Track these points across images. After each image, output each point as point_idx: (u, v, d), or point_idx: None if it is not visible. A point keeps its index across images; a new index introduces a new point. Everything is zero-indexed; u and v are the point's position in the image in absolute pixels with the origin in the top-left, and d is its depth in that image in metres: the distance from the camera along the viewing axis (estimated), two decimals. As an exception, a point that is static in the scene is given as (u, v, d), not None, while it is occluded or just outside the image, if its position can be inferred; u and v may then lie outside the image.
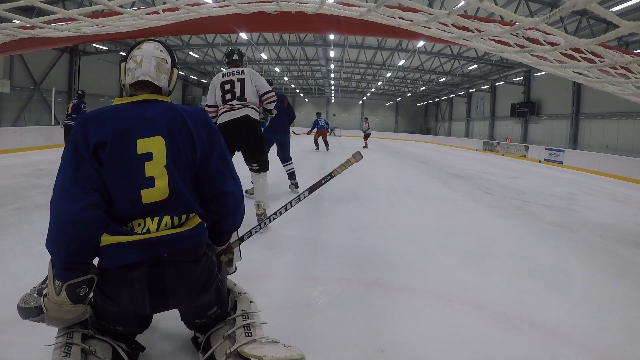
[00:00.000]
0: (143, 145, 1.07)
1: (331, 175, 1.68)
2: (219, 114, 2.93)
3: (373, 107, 32.47)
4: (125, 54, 1.24)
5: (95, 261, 1.10)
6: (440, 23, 1.73)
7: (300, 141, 14.19)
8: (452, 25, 1.74)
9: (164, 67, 1.20)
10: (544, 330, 1.62)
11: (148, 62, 1.16)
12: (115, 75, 18.44)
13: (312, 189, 1.68)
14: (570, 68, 1.93)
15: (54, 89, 11.74)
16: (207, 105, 3.00)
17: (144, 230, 1.06)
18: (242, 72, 2.93)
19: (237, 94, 2.86)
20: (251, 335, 1.14)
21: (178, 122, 1.13)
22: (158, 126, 1.10)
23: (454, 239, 2.94)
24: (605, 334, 1.62)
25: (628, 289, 2.17)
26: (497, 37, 1.71)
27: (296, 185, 4.54)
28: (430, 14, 1.47)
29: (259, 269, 2.15)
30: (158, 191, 1.07)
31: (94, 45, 14.91)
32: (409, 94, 28.50)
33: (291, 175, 4.55)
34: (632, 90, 2.29)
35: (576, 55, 1.85)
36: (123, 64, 1.21)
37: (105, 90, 17.63)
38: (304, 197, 1.67)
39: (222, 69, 22.52)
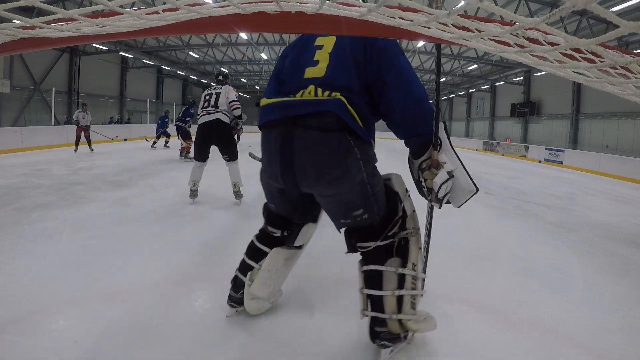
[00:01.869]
0: (320, 40, 1.32)
1: None
2: (199, 116, 3.72)
3: (373, 107, 32.46)
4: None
5: None
6: (440, 23, 1.73)
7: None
8: (452, 25, 1.74)
9: None
10: (544, 330, 1.62)
11: None
12: (114, 75, 18.46)
13: None
14: (570, 68, 1.93)
15: (54, 89, 11.76)
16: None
17: (292, 96, 1.22)
18: (221, 87, 3.79)
19: (212, 102, 3.68)
20: (415, 309, 1.27)
21: (351, 37, 1.27)
22: (334, 34, 1.29)
23: (454, 239, 2.94)
24: (605, 334, 1.62)
25: (628, 289, 2.17)
26: (497, 37, 1.70)
27: None
28: (430, 14, 1.47)
29: (259, 269, 2.15)
30: (317, 70, 1.24)
31: (94, 45, 14.89)
32: (409, 94, 28.49)
33: None
34: (632, 90, 2.28)
35: (576, 55, 1.84)
36: None
37: (105, 90, 17.63)
38: None
39: (222, 69, 22.53)
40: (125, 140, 12.98)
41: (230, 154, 3.74)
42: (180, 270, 2.07)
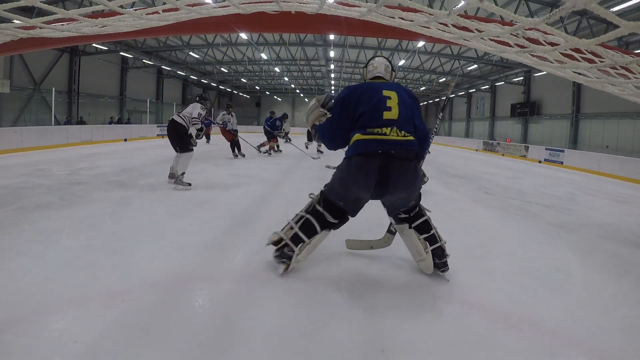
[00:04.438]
0: (386, 92, 1.89)
1: None
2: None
3: (373, 107, 32.42)
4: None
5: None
6: (440, 23, 1.73)
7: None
8: (452, 25, 1.74)
9: (388, 69, 2.16)
10: (544, 330, 1.62)
11: (381, 66, 2.14)
12: (114, 75, 18.45)
13: None
14: (571, 68, 1.93)
15: (54, 89, 11.75)
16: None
17: (381, 133, 1.79)
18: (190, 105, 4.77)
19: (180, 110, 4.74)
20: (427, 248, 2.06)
21: (403, 89, 1.97)
22: (393, 87, 1.94)
23: (454, 239, 2.93)
24: (605, 334, 1.62)
25: (628, 289, 2.17)
26: (497, 37, 1.71)
27: None
28: (430, 14, 1.47)
29: (259, 269, 2.15)
30: (392, 114, 1.83)
31: (94, 45, 14.88)
32: (409, 94, 28.46)
33: None
34: (632, 90, 2.28)
35: (576, 55, 1.85)
36: (364, 69, 2.22)
37: (105, 90, 17.62)
38: None
39: (223, 70, 22.52)
40: (125, 140, 12.98)
41: (180, 148, 4.56)
42: (180, 270, 2.08)
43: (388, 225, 2.46)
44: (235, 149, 8.49)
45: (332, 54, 16.43)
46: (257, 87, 29.68)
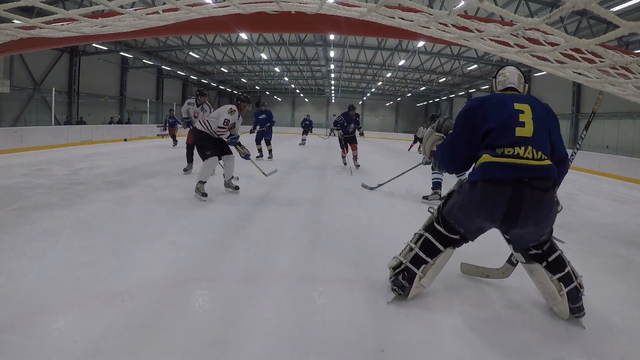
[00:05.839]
0: (518, 105, 1.62)
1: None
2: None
3: (373, 107, 32.45)
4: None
5: None
6: (440, 23, 1.73)
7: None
8: (452, 25, 1.74)
9: (522, 80, 1.89)
10: (545, 330, 1.62)
11: (514, 76, 1.87)
12: (114, 75, 18.46)
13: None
14: (571, 68, 1.93)
15: (54, 89, 11.74)
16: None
17: (514, 154, 1.52)
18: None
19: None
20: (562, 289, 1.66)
21: (537, 103, 1.71)
22: (526, 100, 1.67)
23: (454, 239, 2.93)
24: (605, 334, 1.62)
25: (628, 289, 2.17)
26: (497, 37, 1.71)
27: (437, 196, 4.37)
28: (430, 14, 1.47)
29: (259, 269, 2.15)
30: (526, 130, 1.56)
31: (94, 45, 14.88)
32: (409, 94, 28.48)
33: (436, 185, 4.48)
34: (632, 90, 2.29)
35: (576, 55, 1.85)
36: (494, 80, 1.96)
37: (104, 90, 17.63)
38: None
39: (223, 70, 22.50)
40: (125, 140, 12.98)
41: (200, 155, 4.13)
42: (180, 270, 2.08)
43: (509, 255, 2.12)
44: (192, 156, 5.73)
45: (332, 54, 16.42)
46: (257, 87, 29.68)
